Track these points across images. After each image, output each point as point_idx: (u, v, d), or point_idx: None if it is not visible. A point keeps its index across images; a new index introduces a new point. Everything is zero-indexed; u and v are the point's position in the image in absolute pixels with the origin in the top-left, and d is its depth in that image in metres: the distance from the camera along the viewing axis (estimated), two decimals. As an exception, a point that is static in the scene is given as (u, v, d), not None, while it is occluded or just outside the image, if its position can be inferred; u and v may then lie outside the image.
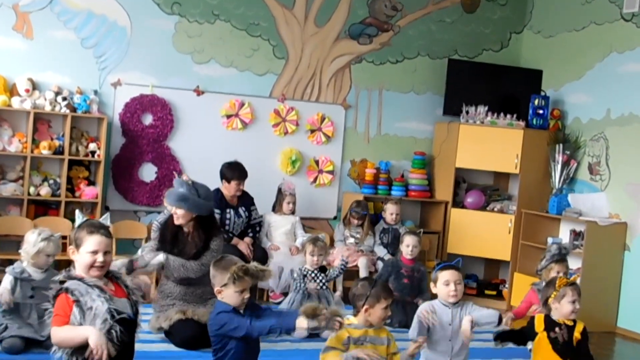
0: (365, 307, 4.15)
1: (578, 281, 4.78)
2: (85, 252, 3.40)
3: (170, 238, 5.76)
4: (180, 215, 5.67)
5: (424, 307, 4.56)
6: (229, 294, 3.95)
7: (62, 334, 3.25)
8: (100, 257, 3.42)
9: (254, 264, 4.04)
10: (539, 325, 4.58)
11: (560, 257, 6.07)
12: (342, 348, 4.11)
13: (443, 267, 4.60)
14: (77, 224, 3.45)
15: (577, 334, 4.58)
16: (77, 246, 3.42)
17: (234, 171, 7.25)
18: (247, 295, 3.98)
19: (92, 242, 3.41)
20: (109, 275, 3.51)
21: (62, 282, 3.39)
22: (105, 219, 3.67)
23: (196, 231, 5.73)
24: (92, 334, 3.23)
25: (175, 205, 5.68)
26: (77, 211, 3.58)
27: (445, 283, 4.51)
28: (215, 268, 4.05)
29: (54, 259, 5.30)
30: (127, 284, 3.56)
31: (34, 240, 5.18)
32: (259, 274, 4.00)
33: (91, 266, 3.42)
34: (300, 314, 3.84)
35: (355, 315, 4.22)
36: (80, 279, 3.37)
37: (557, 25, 8.61)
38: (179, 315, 5.55)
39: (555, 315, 4.60)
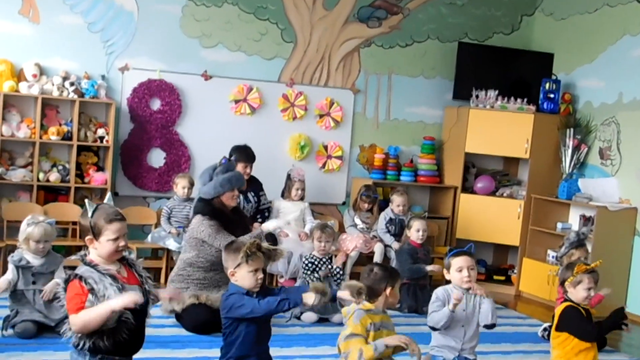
0: (388, 288, 4.12)
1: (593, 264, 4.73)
2: (107, 241, 3.39)
3: (236, 220, 5.85)
4: (238, 195, 5.95)
5: (440, 293, 4.54)
6: (242, 275, 3.95)
7: (84, 317, 3.24)
8: (121, 242, 3.43)
9: (265, 244, 4.06)
10: (583, 312, 4.58)
11: (579, 243, 6.07)
12: (365, 334, 4.08)
13: (456, 254, 4.59)
14: (89, 213, 3.41)
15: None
16: (96, 235, 3.39)
17: (240, 154, 7.24)
18: (260, 276, 3.98)
19: (112, 230, 3.40)
20: (123, 262, 3.50)
21: (72, 268, 3.38)
22: (109, 200, 3.65)
23: (239, 208, 6.05)
24: (114, 302, 3.22)
25: (241, 186, 6.02)
26: (86, 200, 3.54)
27: (458, 270, 4.52)
28: (227, 251, 4.05)
29: (49, 244, 5.27)
30: (140, 272, 3.55)
31: (22, 227, 5.21)
32: (271, 253, 4.04)
33: (114, 252, 3.42)
34: (310, 289, 3.92)
35: (373, 301, 4.19)
36: (94, 266, 3.36)
37: (569, 7, 8.52)
38: (192, 300, 5.55)
39: (571, 298, 4.59)
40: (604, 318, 4.67)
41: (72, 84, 7.14)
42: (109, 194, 3.71)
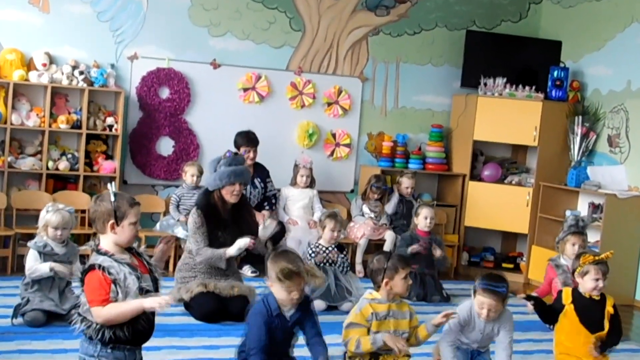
0: (385, 280, 4.13)
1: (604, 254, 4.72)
2: (129, 225, 3.43)
3: (233, 218, 5.69)
4: (240, 191, 5.71)
5: (464, 313, 4.38)
6: (277, 290, 3.90)
7: (113, 311, 3.27)
8: (138, 227, 3.49)
9: (307, 266, 3.94)
10: (567, 297, 4.61)
11: (578, 229, 6.06)
12: (365, 324, 4.10)
13: (487, 289, 4.25)
14: (112, 197, 3.43)
15: (609, 308, 4.61)
16: (120, 219, 3.41)
17: (242, 138, 7.32)
18: (296, 296, 3.89)
19: (134, 213, 3.45)
20: (132, 251, 3.52)
21: (84, 257, 3.40)
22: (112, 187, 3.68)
23: (244, 205, 5.80)
24: (146, 303, 3.26)
25: (243, 182, 5.72)
26: (109, 184, 3.56)
27: (480, 306, 4.28)
28: (270, 260, 3.94)
29: (68, 232, 5.29)
30: (148, 260, 3.57)
31: (42, 213, 5.23)
32: (307, 277, 3.88)
33: (133, 237, 3.45)
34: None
35: (377, 290, 4.20)
36: (110, 256, 3.38)
37: (576, -6, 8.51)
38: (200, 288, 5.57)
39: (580, 289, 4.61)
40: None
41: (81, 72, 7.16)
42: (113, 183, 3.70)
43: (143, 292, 3.37)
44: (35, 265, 5.11)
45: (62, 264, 5.17)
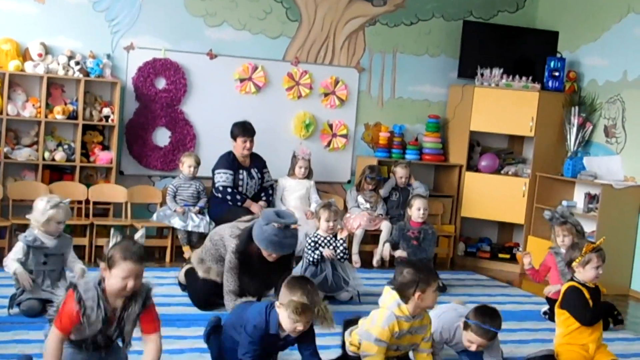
0: (417, 293, 3.97)
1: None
2: (116, 276, 3.42)
3: (258, 269, 5.45)
4: (278, 256, 5.39)
5: (447, 330, 4.37)
6: (283, 316, 3.81)
7: (50, 349, 3.41)
8: (130, 283, 3.43)
9: (322, 304, 3.82)
10: (587, 294, 4.61)
11: (558, 221, 6.10)
12: (388, 342, 4.01)
13: (481, 329, 4.17)
14: (111, 243, 3.43)
15: (603, 290, 4.69)
16: (110, 266, 3.43)
17: (239, 128, 7.29)
18: (300, 329, 3.81)
19: (124, 268, 3.40)
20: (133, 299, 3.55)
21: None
22: (142, 237, 3.57)
23: (277, 264, 5.45)
24: None
25: (281, 252, 5.38)
26: (112, 229, 3.54)
27: (469, 342, 4.23)
28: (286, 285, 3.85)
29: (65, 225, 5.27)
30: (129, 315, 3.55)
31: (42, 208, 5.14)
32: (317, 315, 3.80)
33: (120, 290, 3.44)
34: None
35: (406, 302, 4.02)
36: (102, 290, 3.44)
37: (573, -15, 8.50)
38: (217, 279, 5.51)
39: (580, 278, 4.63)
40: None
41: (77, 63, 7.14)
42: (142, 231, 3.59)
43: (95, 343, 3.51)
44: (9, 261, 5.11)
45: (54, 256, 5.19)
